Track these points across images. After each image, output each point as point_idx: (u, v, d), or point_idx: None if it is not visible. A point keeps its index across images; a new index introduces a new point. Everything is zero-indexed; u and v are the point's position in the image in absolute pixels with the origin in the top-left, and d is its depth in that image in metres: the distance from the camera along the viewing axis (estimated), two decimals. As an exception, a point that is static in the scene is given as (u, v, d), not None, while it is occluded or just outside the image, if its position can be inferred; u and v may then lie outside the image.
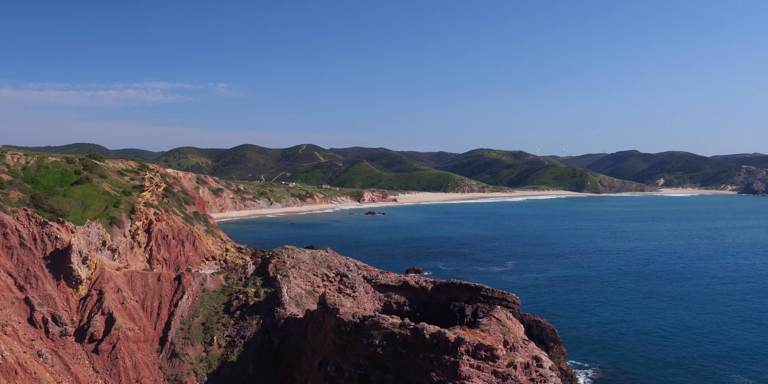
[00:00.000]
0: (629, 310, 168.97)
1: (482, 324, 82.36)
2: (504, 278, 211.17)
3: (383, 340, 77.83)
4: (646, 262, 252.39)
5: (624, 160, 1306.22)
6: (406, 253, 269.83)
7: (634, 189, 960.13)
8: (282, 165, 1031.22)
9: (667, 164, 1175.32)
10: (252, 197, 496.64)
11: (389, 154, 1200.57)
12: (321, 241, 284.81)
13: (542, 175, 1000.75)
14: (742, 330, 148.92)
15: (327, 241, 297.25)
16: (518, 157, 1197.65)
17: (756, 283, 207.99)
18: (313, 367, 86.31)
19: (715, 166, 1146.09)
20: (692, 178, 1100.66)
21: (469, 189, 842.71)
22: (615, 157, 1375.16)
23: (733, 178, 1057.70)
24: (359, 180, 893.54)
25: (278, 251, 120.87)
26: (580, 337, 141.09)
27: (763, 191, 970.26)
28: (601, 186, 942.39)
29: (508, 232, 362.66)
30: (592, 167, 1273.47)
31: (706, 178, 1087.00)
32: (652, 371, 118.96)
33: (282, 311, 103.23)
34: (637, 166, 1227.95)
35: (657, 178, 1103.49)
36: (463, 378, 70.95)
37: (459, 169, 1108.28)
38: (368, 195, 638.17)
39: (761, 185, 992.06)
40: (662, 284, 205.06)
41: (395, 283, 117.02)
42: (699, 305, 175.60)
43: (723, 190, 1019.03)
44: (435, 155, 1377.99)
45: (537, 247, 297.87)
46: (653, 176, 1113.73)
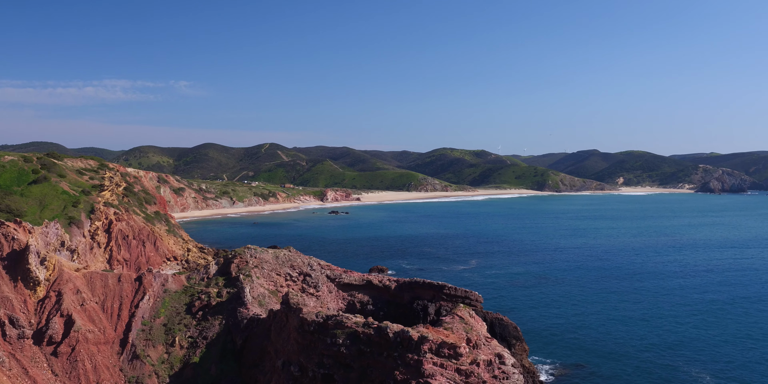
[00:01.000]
0: (590, 306, 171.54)
1: (445, 322, 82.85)
2: (467, 276, 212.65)
3: (347, 339, 77.87)
4: (605, 259, 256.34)
5: (584, 159, 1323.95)
6: (370, 252, 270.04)
7: (594, 188, 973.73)
8: (244, 164, 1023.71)
9: (627, 163, 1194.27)
10: (214, 197, 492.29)
11: (352, 153, 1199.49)
12: (284, 241, 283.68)
13: (504, 174, 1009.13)
14: (698, 323, 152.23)
15: (290, 240, 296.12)
16: (481, 157, 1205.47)
17: (712, 278, 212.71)
18: (276, 367, 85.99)
19: (673, 166, 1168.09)
20: (651, 177, 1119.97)
21: (432, 188, 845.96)
22: (576, 157, 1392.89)
23: (691, 177, 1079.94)
24: (322, 179, 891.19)
25: (241, 251, 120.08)
26: (542, 334, 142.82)
27: (719, 190, 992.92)
28: (562, 185, 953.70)
29: (471, 231, 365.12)
30: (554, 166, 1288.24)
31: (664, 177, 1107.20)
32: (613, 366, 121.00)
33: (245, 311, 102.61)
34: (597, 166, 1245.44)
35: (617, 177, 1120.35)
36: (427, 376, 71.32)
37: (422, 168, 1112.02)
38: (331, 194, 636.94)
39: (717, 184, 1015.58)
40: (621, 280, 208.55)
41: (359, 282, 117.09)
42: (657, 300, 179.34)
43: (680, 189, 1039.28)
44: (398, 154, 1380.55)
45: (499, 245, 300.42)
46: (613, 175, 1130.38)
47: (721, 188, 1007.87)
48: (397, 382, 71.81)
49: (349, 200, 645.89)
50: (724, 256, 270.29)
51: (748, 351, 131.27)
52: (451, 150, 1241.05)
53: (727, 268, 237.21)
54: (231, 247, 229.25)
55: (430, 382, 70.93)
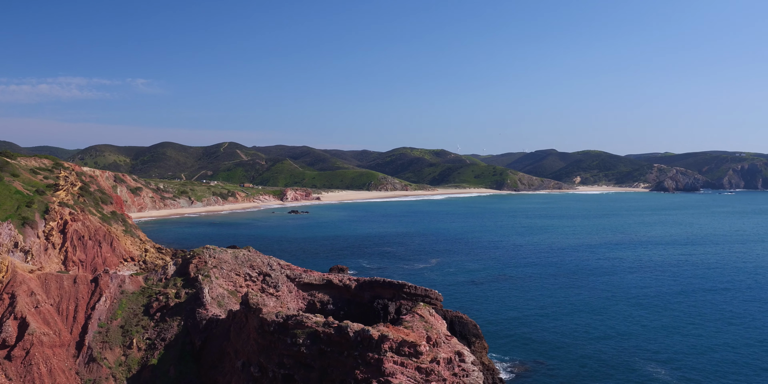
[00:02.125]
0: (547, 302, 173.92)
1: (405, 321, 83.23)
2: (426, 275, 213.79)
3: (307, 339, 77.75)
4: (562, 256, 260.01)
5: (542, 158, 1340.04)
6: (330, 251, 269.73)
7: (552, 187, 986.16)
8: (203, 163, 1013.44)
9: (584, 163, 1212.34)
10: (172, 196, 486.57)
11: (313, 152, 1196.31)
12: (243, 241, 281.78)
13: (464, 173, 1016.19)
14: (654, 319, 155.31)
15: (249, 240, 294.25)
16: (440, 156, 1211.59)
17: (664, 273, 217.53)
18: (236, 367, 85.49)
19: (629, 165, 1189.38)
20: (607, 176, 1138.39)
21: (392, 187, 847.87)
22: (534, 156, 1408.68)
23: (646, 176, 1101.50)
24: (282, 178, 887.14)
25: (199, 251, 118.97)
26: (501, 332, 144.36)
27: (673, 189, 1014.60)
28: (521, 184, 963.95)
29: (431, 230, 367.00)
30: (512, 166, 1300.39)
31: (620, 176, 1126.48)
32: (571, 362, 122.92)
33: (204, 312, 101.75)
34: (555, 165, 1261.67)
35: (574, 176, 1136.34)
36: (387, 375, 71.60)
37: (382, 167, 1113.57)
38: (291, 193, 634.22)
39: (671, 183, 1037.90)
40: (578, 277, 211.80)
41: (319, 281, 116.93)
42: (613, 296, 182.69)
43: (636, 188, 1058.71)
44: (358, 153, 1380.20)
45: (458, 243, 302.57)
46: (570, 174, 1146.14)
47: (675, 187, 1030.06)
48: (358, 381, 71.96)
49: (309, 200, 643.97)
50: (676, 252, 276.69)
51: (695, 339, 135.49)
52: (411, 149, 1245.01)
53: (678, 263, 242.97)
54: (189, 248, 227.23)
55: (390, 380, 71.23)
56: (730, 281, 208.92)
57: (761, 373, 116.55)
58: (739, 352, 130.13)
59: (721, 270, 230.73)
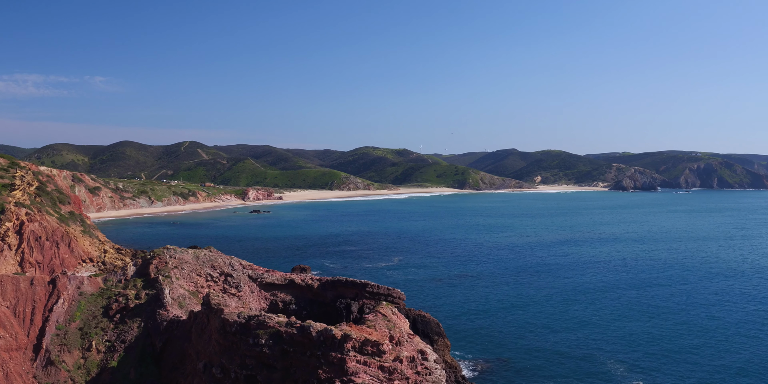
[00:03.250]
0: (509, 300, 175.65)
1: (368, 320, 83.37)
2: (389, 274, 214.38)
3: (269, 339, 77.44)
4: (523, 254, 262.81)
5: (504, 158, 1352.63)
6: (292, 251, 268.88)
7: (513, 186, 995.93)
8: (163, 163, 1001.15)
9: (544, 162, 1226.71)
10: (132, 196, 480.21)
11: (275, 151, 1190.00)
12: (205, 241, 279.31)
13: (426, 172, 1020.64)
14: (615, 317, 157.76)
15: (211, 240, 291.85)
16: (403, 155, 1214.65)
17: (622, 270, 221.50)
18: (197, 369, 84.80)
19: (588, 164, 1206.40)
20: (567, 175, 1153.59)
21: (355, 186, 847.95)
22: (495, 156, 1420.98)
23: (605, 175, 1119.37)
24: (244, 178, 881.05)
25: (160, 251, 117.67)
26: (463, 330, 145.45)
27: (631, 188, 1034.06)
28: (482, 183, 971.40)
29: (393, 229, 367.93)
30: (474, 165, 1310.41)
31: (580, 176, 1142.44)
32: (533, 358, 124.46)
33: (164, 313, 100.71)
34: (516, 164, 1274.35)
35: (534, 175, 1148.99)
36: (350, 374, 71.70)
37: (345, 166, 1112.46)
38: (253, 193, 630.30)
39: (630, 182, 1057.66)
40: (539, 275, 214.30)
41: (281, 281, 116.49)
42: (572, 292, 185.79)
43: (595, 187, 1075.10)
44: (321, 153, 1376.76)
45: (421, 242, 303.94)
46: (531, 174, 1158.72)
47: (633, 186, 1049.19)
48: (321, 381, 71.93)
49: (271, 199, 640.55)
50: (632, 249, 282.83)
51: (651, 331, 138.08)
52: (373, 149, 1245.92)
53: (634, 260, 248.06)
54: (149, 248, 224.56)
55: (353, 380, 71.34)
56: (684, 276, 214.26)
57: (717, 363, 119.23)
58: (693, 342, 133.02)
59: (675, 266, 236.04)
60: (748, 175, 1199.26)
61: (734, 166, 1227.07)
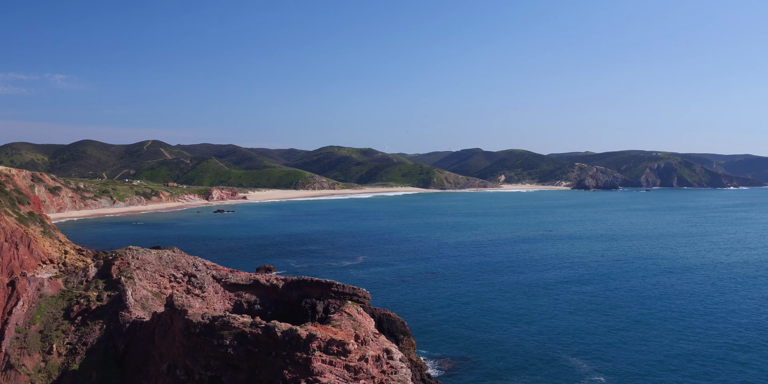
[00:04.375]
0: (473, 299, 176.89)
1: (334, 319, 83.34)
2: (354, 273, 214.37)
3: (234, 340, 76.99)
4: (486, 253, 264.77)
5: (468, 157, 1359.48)
6: (257, 251, 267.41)
7: (477, 185, 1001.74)
8: (125, 162, 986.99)
9: (508, 162, 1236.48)
10: (93, 196, 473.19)
11: (239, 150, 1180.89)
12: (168, 241, 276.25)
13: (391, 172, 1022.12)
14: (577, 313, 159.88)
15: (174, 240, 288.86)
16: (368, 155, 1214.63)
17: (584, 268, 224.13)
18: (161, 371, 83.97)
19: (551, 164, 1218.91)
20: (530, 174, 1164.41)
21: (320, 186, 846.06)
22: (460, 155, 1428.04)
23: (567, 174, 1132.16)
24: (208, 177, 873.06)
25: (122, 252, 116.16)
26: (428, 328, 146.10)
27: (593, 187, 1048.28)
28: (447, 182, 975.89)
29: (358, 228, 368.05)
30: (439, 164, 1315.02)
31: (543, 175, 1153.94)
32: (497, 356, 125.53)
33: (127, 315, 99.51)
34: (480, 164, 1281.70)
35: (499, 174, 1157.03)
36: (316, 374, 71.60)
37: (309, 166, 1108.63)
38: (217, 193, 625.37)
39: (592, 181, 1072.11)
40: (502, 273, 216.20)
41: (245, 281, 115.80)
42: (535, 291, 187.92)
43: (558, 186, 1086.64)
44: (285, 152, 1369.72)
45: (386, 242, 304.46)
46: (495, 173, 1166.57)
47: (595, 185, 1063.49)
48: (287, 381, 71.74)
49: (235, 199, 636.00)
50: (594, 247, 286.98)
51: (613, 329, 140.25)
52: (338, 148, 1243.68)
53: (596, 258, 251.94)
54: (112, 249, 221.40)
55: (319, 379, 71.27)
56: (642, 271, 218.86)
57: (671, 352, 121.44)
58: (651, 334, 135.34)
59: (634, 262, 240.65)
60: (707, 174, 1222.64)
61: (693, 165, 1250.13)
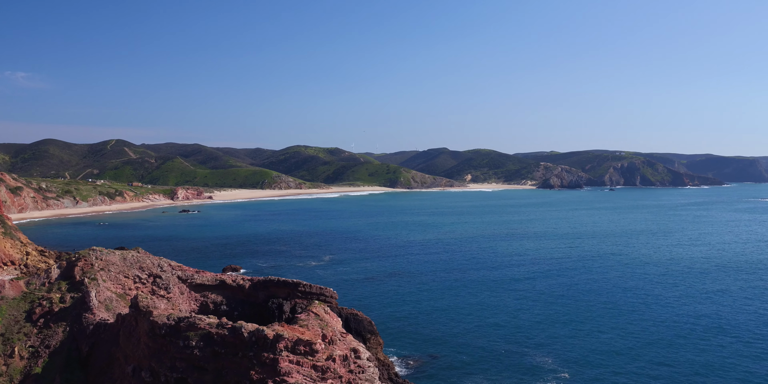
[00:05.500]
0: (440, 297, 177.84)
1: (301, 319, 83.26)
2: (321, 273, 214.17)
3: (200, 341, 76.53)
4: (453, 252, 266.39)
5: (435, 157, 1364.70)
6: (223, 251, 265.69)
7: (444, 184, 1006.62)
8: (89, 161, 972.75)
9: (474, 161, 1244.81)
10: (56, 196, 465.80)
11: (204, 150, 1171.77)
12: (132, 242, 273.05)
13: (358, 171, 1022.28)
14: (541, 310, 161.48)
15: (139, 241, 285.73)
16: (335, 154, 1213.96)
17: (549, 267, 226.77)
18: (126, 373, 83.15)
19: (517, 163, 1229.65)
20: (497, 173, 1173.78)
21: (287, 185, 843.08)
22: (426, 155, 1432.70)
23: (533, 174, 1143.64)
24: (173, 177, 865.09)
25: (85, 253, 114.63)
26: (396, 327, 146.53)
27: (558, 186, 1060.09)
28: (414, 182, 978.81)
29: (325, 228, 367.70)
30: (405, 164, 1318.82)
31: (509, 174, 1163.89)
32: (464, 354, 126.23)
33: (91, 317, 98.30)
34: (446, 163, 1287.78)
35: (465, 174, 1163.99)
36: (283, 374, 71.50)
37: (276, 165, 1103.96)
38: (182, 192, 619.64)
39: (557, 180, 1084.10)
40: (468, 272, 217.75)
41: (212, 282, 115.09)
42: (500, 289, 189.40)
43: (524, 185, 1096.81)
44: (252, 152, 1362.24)
45: (352, 241, 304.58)
46: (461, 172, 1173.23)
47: (560, 184, 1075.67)
48: (253, 381, 71.54)
49: (201, 199, 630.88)
50: (559, 245, 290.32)
51: (578, 326, 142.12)
52: (305, 147, 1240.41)
53: (561, 256, 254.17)
54: (75, 250, 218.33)
55: (286, 380, 71.19)
56: (606, 268, 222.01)
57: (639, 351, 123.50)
58: (621, 334, 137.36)
59: (598, 259, 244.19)
60: (669, 173, 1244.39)
61: (656, 164, 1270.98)
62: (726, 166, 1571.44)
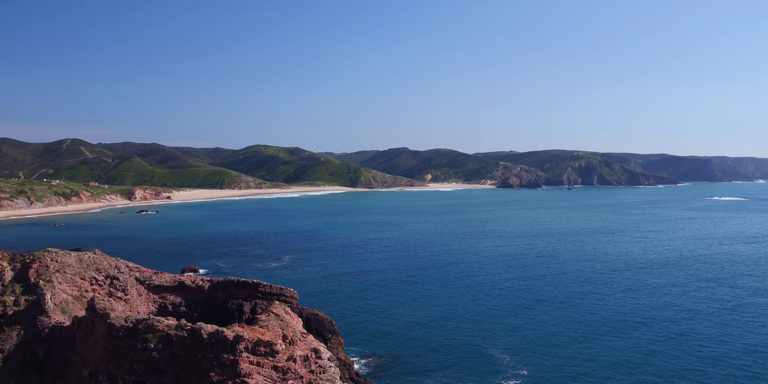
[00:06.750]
0: (400, 297, 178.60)
1: (261, 320, 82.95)
2: (281, 273, 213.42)
3: (159, 343, 75.77)
4: (413, 251, 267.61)
5: (395, 156, 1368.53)
6: (182, 252, 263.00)
7: (404, 184, 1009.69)
8: (44, 161, 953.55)
9: (434, 161, 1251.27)
10: (9, 196, 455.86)
11: (163, 149, 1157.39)
12: (89, 243, 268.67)
13: (318, 171, 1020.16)
14: (499, 306, 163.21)
15: (95, 242, 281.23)
16: (295, 154, 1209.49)
17: (509, 263, 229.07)
18: (83, 377, 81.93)
19: (477, 163, 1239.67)
20: (457, 173, 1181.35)
21: (246, 185, 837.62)
22: (387, 154, 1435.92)
23: (492, 173, 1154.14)
24: (130, 177, 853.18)
25: (40, 255, 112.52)
26: (357, 327, 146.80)
27: (517, 185, 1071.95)
28: (374, 181, 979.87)
29: (285, 228, 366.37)
30: (366, 163, 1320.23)
31: (468, 174, 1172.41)
32: (425, 353, 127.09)
33: (46, 320, 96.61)
34: (407, 163, 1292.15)
35: (425, 173, 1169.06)
36: (243, 376, 71.20)
37: (236, 165, 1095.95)
38: (140, 192, 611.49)
39: (516, 180, 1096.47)
40: (427, 271, 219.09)
41: (170, 283, 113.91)
42: (462, 287, 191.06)
43: (483, 185, 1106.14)
44: (211, 151, 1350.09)
45: (313, 241, 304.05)
46: (422, 172, 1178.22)
47: (519, 184, 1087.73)
48: (213, 383, 71.13)
49: (159, 199, 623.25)
50: (518, 243, 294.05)
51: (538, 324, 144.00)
52: (265, 147, 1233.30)
53: (520, 254, 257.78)
54: (29, 251, 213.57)
55: (246, 381, 70.92)
56: (563, 267, 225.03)
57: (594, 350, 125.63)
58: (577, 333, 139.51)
59: (555, 257, 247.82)
60: (626, 172, 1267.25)
61: (613, 164, 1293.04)
62: (680, 165, 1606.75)
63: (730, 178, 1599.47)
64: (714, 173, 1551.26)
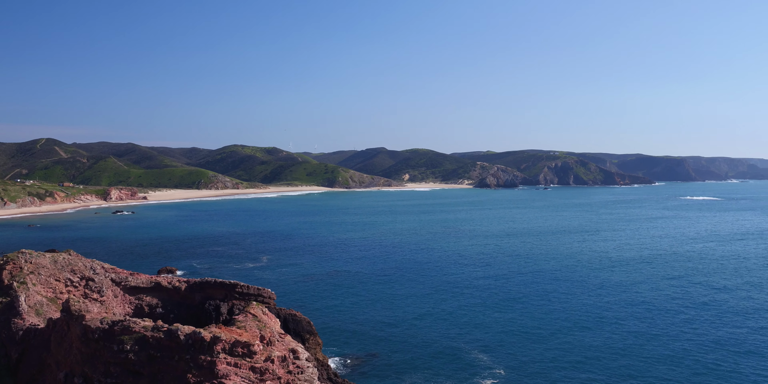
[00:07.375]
0: (378, 296, 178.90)
1: (238, 321, 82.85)
2: (258, 274, 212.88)
3: (135, 344, 75.39)
4: (390, 250, 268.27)
5: (373, 156, 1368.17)
6: (158, 252, 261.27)
7: (382, 184, 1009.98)
8: (17, 161, 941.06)
9: (412, 161, 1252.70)
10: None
11: (138, 149, 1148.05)
12: (64, 244, 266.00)
13: (296, 171, 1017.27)
14: (476, 306, 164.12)
15: (70, 243, 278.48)
16: (272, 154, 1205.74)
17: (484, 263, 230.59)
18: (58, 380, 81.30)
19: (454, 163, 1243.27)
20: (434, 173, 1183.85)
21: (223, 185, 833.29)
22: (365, 154, 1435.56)
23: (470, 173, 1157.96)
24: (106, 177, 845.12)
25: (14, 256, 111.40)
26: (335, 327, 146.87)
27: (494, 185, 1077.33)
28: (352, 181, 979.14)
29: (262, 228, 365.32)
30: (344, 163, 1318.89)
31: (446, 174, 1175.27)
32: (402, 353, 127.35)
33: (20, 322, 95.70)
34: (385, 163, 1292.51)
35: (403, 173, 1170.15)
36: (221, 377, 71.09)
37: (213, 165, 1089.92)
38: (116, 193, 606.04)
39: (493, 180, 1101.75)
40: (405, 271, 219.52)
41: (146, 284, 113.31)
42: (438, 287, 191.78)
43: (461, 185, 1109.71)
44: (188, 151, 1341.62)
45: (290, 241, 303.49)
46: (400, 172, 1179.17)
47: (496, 183, 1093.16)
48: (190, 385, 70.94)
49: (135, 199, 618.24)
50: (494, 242, 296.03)
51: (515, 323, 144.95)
52: (242, 147, 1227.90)
53: (495, 253, 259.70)
54: (2, 253, 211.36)
55: (224, 382, 70.83)
56: (540, 266, 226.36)
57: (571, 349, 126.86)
58: (553, 332, 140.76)
59: (533, 257, 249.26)
60: (601, 172, 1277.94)
61: (589, 164, 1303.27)
62: (655, 165, 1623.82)
63: (704, 178, 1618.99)
64: (688, 173, 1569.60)
